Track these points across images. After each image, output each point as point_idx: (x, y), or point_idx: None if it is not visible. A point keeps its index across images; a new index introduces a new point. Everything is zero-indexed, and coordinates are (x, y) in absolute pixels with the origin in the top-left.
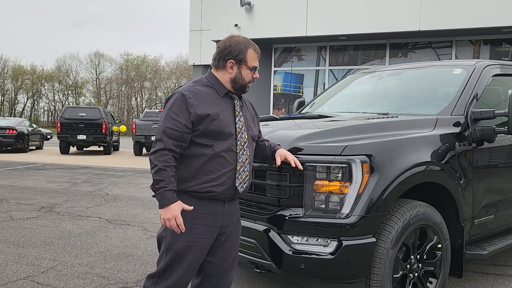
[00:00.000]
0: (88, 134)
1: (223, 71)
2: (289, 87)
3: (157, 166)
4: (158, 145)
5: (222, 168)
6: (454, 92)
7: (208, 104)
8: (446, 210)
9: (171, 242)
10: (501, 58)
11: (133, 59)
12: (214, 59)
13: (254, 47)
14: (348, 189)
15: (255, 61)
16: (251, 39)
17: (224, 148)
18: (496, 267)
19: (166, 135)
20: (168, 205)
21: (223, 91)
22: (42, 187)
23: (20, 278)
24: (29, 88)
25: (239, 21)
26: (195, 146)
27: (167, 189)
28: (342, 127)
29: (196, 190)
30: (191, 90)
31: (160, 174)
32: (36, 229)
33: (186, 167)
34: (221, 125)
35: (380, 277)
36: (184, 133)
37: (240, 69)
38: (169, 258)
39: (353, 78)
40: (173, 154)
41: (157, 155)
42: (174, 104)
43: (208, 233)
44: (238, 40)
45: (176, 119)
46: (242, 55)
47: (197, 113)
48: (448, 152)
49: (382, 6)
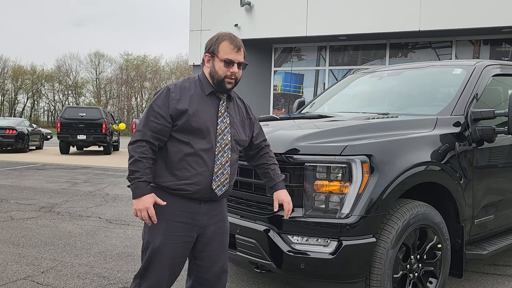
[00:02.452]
0: (88, 134)
1: (204, 66)
2: (289, 87)
3: (134, 156)
4: (137, 135)
5: (197, 167)
6: (454, 92)
7: (190, 100)
8: (446, 210)
9: (149, 240)
10: (501, 58)
11: (133, 59)
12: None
13: (230, 39)
14: (348, 189)
15: (228, 54)
16: (251, 39)
17: (202, 147)
18: (496, 267)
19: (145, 126)
20: (140, 196)
21: (209, 89)
22: (42, 187)
23: (20, 278)
24: (29, 88)
25: (239, 21)
26: (174, 142)
27: (142, 180)
28: (342, 127)
29: (169, 186)
30: (177, 85)
31: (136, 165)
32: (36, 229)
33: (163, 162)
34: (200, 123)
35: (380, 277)
36: (164, 126)
37: (214, 62)
38: (148, 256)
39: (353, 78)
40: (150, 146)
41: (134, 146)
42: (159, 97)
43: (185, 231)
44: (218, 34)
45: (157, 111)
46: (213, 47)
47: (176, 108)
48: (448, 152)
49: (382, 6)
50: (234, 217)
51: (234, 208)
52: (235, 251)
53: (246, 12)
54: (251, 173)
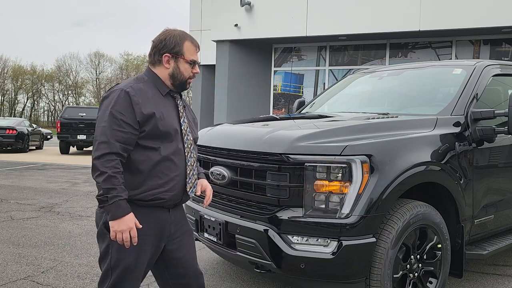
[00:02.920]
0: (88, 134)
1: (160, 66)
2: (289, 87)
3: (106, 172)
4: (103, 148)
5: (170, 173)
6: (454, 92)
7: (153, 103)
8: (446, 210)
9: (119, 258)
10: (501, 58)
11: (133, 59)
12: (149, 54)
13: (191, 39)
14: (348, 189)
15: (193, 55)
16: (251, 39)
17: (172, 151)
18: (496, 267)
19: (111, 137)
20: (122, 216)
21: (165, 89)
22: (42, 187)
23: (20, 278)
24: (29, 88)
25: (239, 21)
26: (141, 150)
27: (122, 198)
28: (342, 127)
29: (142, 198)
30: (134, 88)
31: (111, 182)
32: (36, 229)
33: (130, 173)
34: (167, 126)
35: (380, 277)
36: (132, 135)
37: (178, 63)
38: (117, 276)
39: (353, 78)
40: (121, 159)
41: (103, 160)
42: (117, 102)
43: (156, 242)
44: (173, 33)
45: (121, 119)
46: (178, 47)
47: (143, 112)
48: (448, 152)
49: (382, 6)
50: (234, 217)
51: (234, 208)
52: (235, 251)
53: (246, 12)
54: (251, 173)
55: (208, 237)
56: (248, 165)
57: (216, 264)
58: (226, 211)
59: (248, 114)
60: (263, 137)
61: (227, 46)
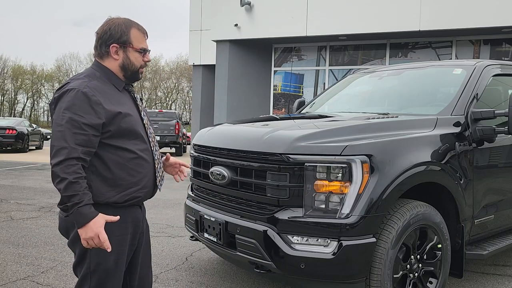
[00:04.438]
0: None
1: (109, 58)
2: (289, 87)
3: (66, 179)
4: (63, 154)
5: (142, 170)
6: (454, 92)
7: (113, 100)
8: (446, 210)
9: (99, 262)
10: (501, 58)
11: None
12: (95, 47)
13: (137, 26)
14: (348, 189)
15: (142, 42)
16: (251, 39)
17: (140, 147)
18: (496, 267)
19: (71, 141)
20: (87, 223)
21: (121, 84)
22: (42, 187)
23: (20, 278)
24: (29, 88)
25: (239, 21)
26: (108, 150)
27: (82, 204)
28: (342, 127)
29: (118, 200)
30: (90, 86)
31: (72, 188)
32: (36, 229)
33: (101, 176)
34: (132, 123)
35: (380, 277)
36: (92, 136)
37: (127, 53)
38: (97, 279)
39: (353, 78)
40: (82, 163)
41: (63, 166)
42: (74, 103)
43: (132, 240)
44: (117, 21)
45: (80, 121)
46: (125, 36)
47: (107, 111)
48: (448, 152)
49: (382, 6)
50: (234, 217)
51: (234, 208)
52: (235, 251)
53: (246, 12)
54: (251, 173)
55: (208, 237)
56: (248, 165)
57: (216, 264)
58: (226, 211)
59: (248, 114)
60: (263, 137)
61: (227, 46)
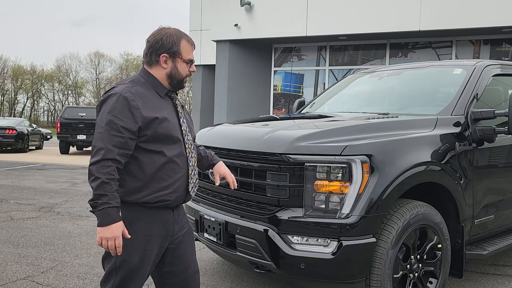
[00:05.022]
0: (88, 134)
1: (157, 67)
2: (289, 87)
3: (100, 178)
4: (100, 154)
5: (174, 174)
6: (454, 92)
7: (153, 106)
8: (446, 210)
9: (124, 259)
10: (501, 58)
11: (133, 59)
12: (145, 54)
13: (187, 38)
14: (348, 189)
15: (190, 54)
16: (251, 39)
17: (175, 153)
18: (496, 267)
19: (108, 143)
20: (109, 224)
21: (163, 91)
22: (42, 187)
23: (20, 278)
24: (29, 88)
25: (239, 21)
26: (145, 153)
27: (111, 206)
28: (342, 127)
29: (148, 201)
30: (132, 92)
31: (103, 188)
32: (36, 229)
33: (134, 177)
34: (169, 128)
35: (380, 277)
36: (129, 140)
37: (175, 63)
38: (121, 276)
39: (353, 78)
40: (117, 165)
41: (98, 166)
42: (115, 107)
43: (161, 242)
44: (169, 32)
45: (119, 124)
46: (175, 47)
47: (144, 116)
48: (448, 152)
49: (382, 6)
50: (234, 217)
51: (234, 208)
52: (235, 251)
53: (246, 12)
54: (251, 173)
55: (208, 237)
56: (248, 165)
57: (216, 264)
58: (226, 211)
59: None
60: (263, 137)
61: (227, 46)
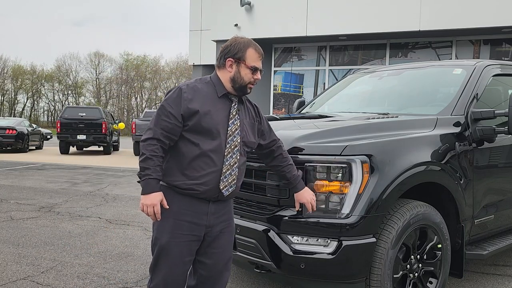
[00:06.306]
0: (88, 134)
1: (224, 70)
2: (289, 87)
3: (145, 154)
4: (148, 133)
5: (206, 168)
6: (454, 92)
7: (202, 101)
8: (446, 210)
9: (157, 237)
10: (501, 58)
11: (133, 59)
12: (217, 58)
13: (255, 47)
14: (348, 189)
15: (255, 61)
16: (250, 39)
17: (211, 148)
18: (496, 267)
19: (157, 125)
20: (150, 193)
21: (222, 91)
22: (42, 187)
23: (20, 278)
24: (29, 88)
25: (239, 21)
26: (184, 142)
27: (152, 177)
28: (342, 127)
29: (179, 186)
30: (189, 86)
31: (146, 162)
32: (36, 229)
33: (174, 161)
34: (210, 124)
35: (380, 277)
36: (175, 126)
37: (239, 68)
38: (156, 253)
39: (353, 78)
40: (161, 144)
41: (146, 143)
42: (171, 96)
43: (191, 230)
44: (239, 40)
45: (169, 110)
46: (240, 53)
47: (188, 107)
48: (448, 152)
49: (382, 6)
50: (234, 217)
51: (234, 208)
52: (235, 251)
53: (246, 12)
54: (251, 173)
55: None
56: (248, 165)
57: None
58: None
59: None
60: None
61: None
